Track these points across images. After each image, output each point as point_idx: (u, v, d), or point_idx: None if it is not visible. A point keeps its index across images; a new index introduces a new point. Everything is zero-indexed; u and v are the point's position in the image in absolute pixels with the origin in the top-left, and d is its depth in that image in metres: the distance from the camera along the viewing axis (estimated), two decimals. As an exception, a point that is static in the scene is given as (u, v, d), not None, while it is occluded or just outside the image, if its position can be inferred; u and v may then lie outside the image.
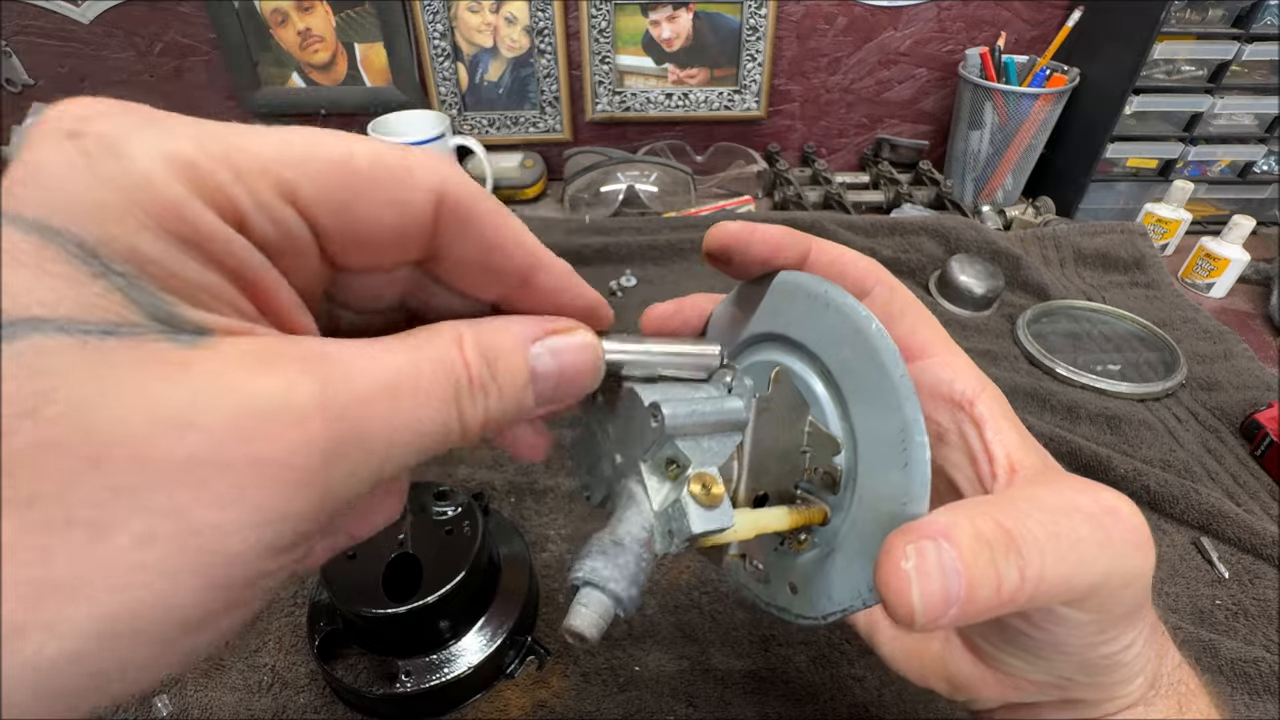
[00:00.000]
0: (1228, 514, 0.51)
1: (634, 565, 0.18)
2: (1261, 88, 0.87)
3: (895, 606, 0.16)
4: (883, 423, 0.19)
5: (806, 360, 0.21)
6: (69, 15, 0.91)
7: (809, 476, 0.21)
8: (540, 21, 0.94)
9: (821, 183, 0.98)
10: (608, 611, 0.17)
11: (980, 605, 0.17)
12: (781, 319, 0.21)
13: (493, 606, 0.41)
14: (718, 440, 0.20)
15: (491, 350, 0.15)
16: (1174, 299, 0.78)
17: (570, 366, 0.17)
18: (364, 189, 0.14)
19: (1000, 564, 0.17)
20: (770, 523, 0.20)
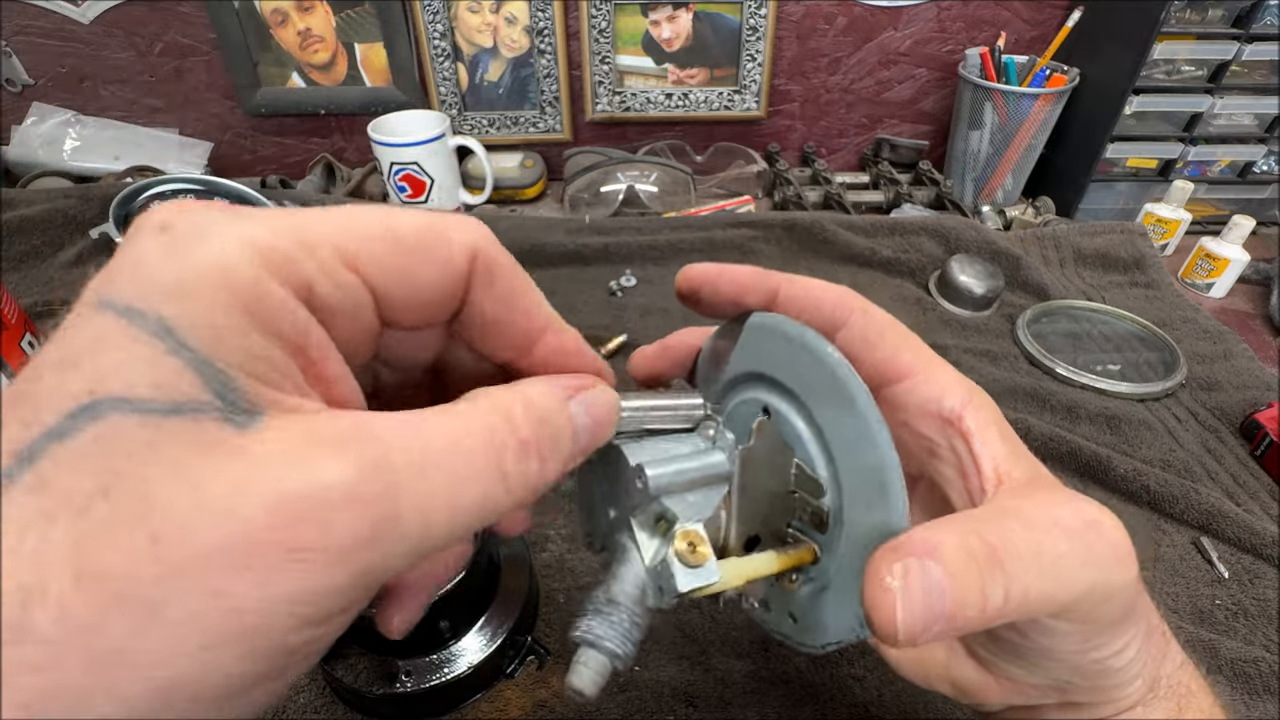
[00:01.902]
0: (1228, 514, 0.51)
1: (628, 623, 0.19)
2: (1261, 88, 0.87)
3: (880, 625, 0.17)
4: (862, 461, 0.19)
5: (789, 400, 0.21)
6: (69, 15, 0.91)
7: (799, 516, 0.21)
8: (540, 21, 0.94)
9: (821, 183, 0.98)
10: (605, 668, 0.18)
11: (964, 622, 0.17)
12: (762, 359, 0.22)
13: (493, 606, 0.41)
14: (703, 494, 0.20)
15: (539, 411, 0.16)
16: (1174, 299, 0.78)
17: (599, 420, 0.18)
18: (413, 252, 0.16)
19: (986, 581, 0.17)
20: (759, 569, 0.20)
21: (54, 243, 0.75)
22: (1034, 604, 0.18)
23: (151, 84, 0.98)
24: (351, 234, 0.15)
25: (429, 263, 0.17)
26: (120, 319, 0.12)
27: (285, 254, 0.14)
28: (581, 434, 0.17)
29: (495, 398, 0.16)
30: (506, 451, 0.15)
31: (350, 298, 0.15)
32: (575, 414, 0.17)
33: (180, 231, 0.13)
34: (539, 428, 0.16)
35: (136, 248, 0.13)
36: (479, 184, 0.95)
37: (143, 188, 0.67)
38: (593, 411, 0.18)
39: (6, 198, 0.77)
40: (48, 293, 0.67)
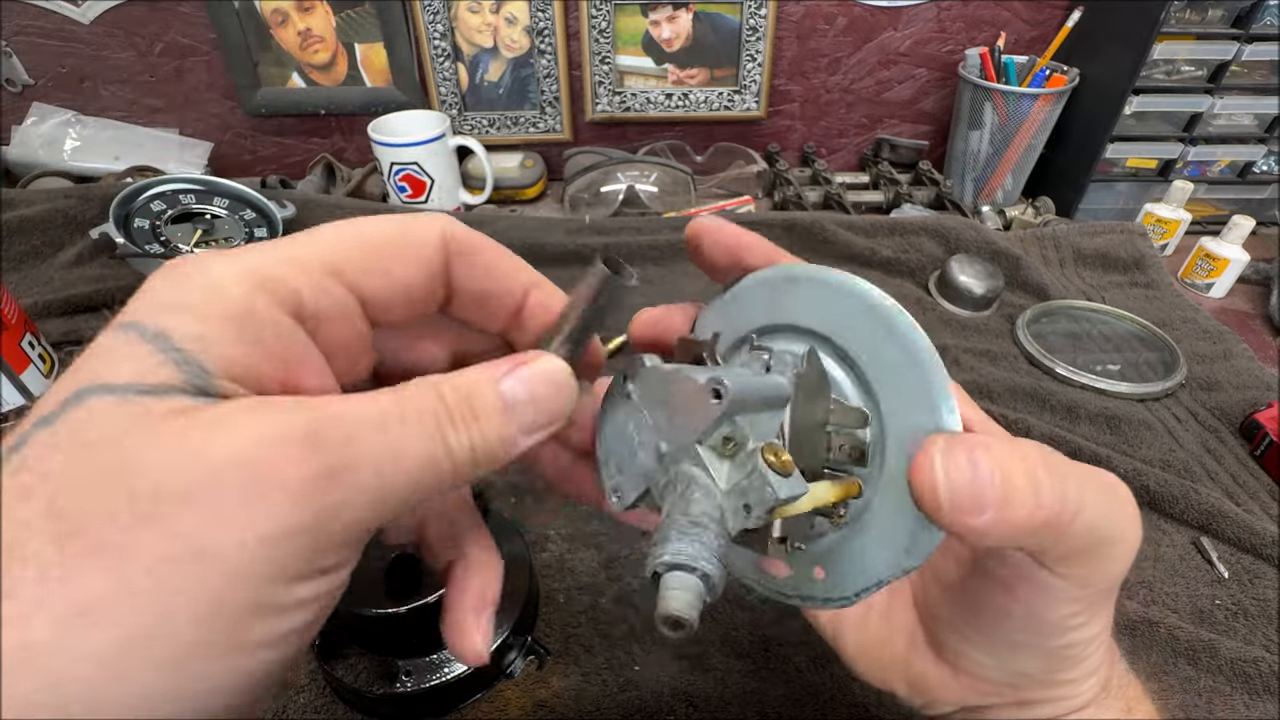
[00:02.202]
0: (1227, 514, 0.51)
1: (715, 542, 0.17)
2: (1261, 88, 0.87)
3: (920, 490, 0.16)
4: (906, 383, 0.19)
5: (818, 344, 0.21)
6: (69, 15, 0.91)
7: (837, 451, 0.21)
8: (540, 22, 0.94)
9: (821, 183, 0.98)
10: (700, 592, 0.16)
11: (1020, 515, 0.17)
12: (784, 309, 0.22)
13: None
14: (767, 416, 0.20)
15: (464, 387, 0.17)
16: (1174, 299, 0.78)
17: (539, 391, 0.18)
18: (387, 252, 0.18)
19: (1042, 477, 0.17)
20: (822, 495, 0.20)
21: (54, 243, 0.75)
22: (1085, 522, 0.18)
23: (151, 84, 0.98)
24: (332, 248, 0.17)
25: (403, 258, 0.19)
26: (125, 332, 0.14)
27: (273, 273, 0.16)
28: (519, 407, 0.18)
29: (430, 380, 0.17)
30: (440, 419, 0.16)
31: (336, 303, 0.17)
32: (506, 388, 0.18)
33: (185, 268, 0.15)
34: (462, 402, 0.17)
35: (149, 284, 0.15)
36: (479, 184, 0.95)
37: (143, 188, 0.67)
38: (530, 384, 0.18)
39: (6, 198, 0.77)
40: (48, 293, 0.67)
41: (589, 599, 0.45)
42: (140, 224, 0.65)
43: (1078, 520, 0.17)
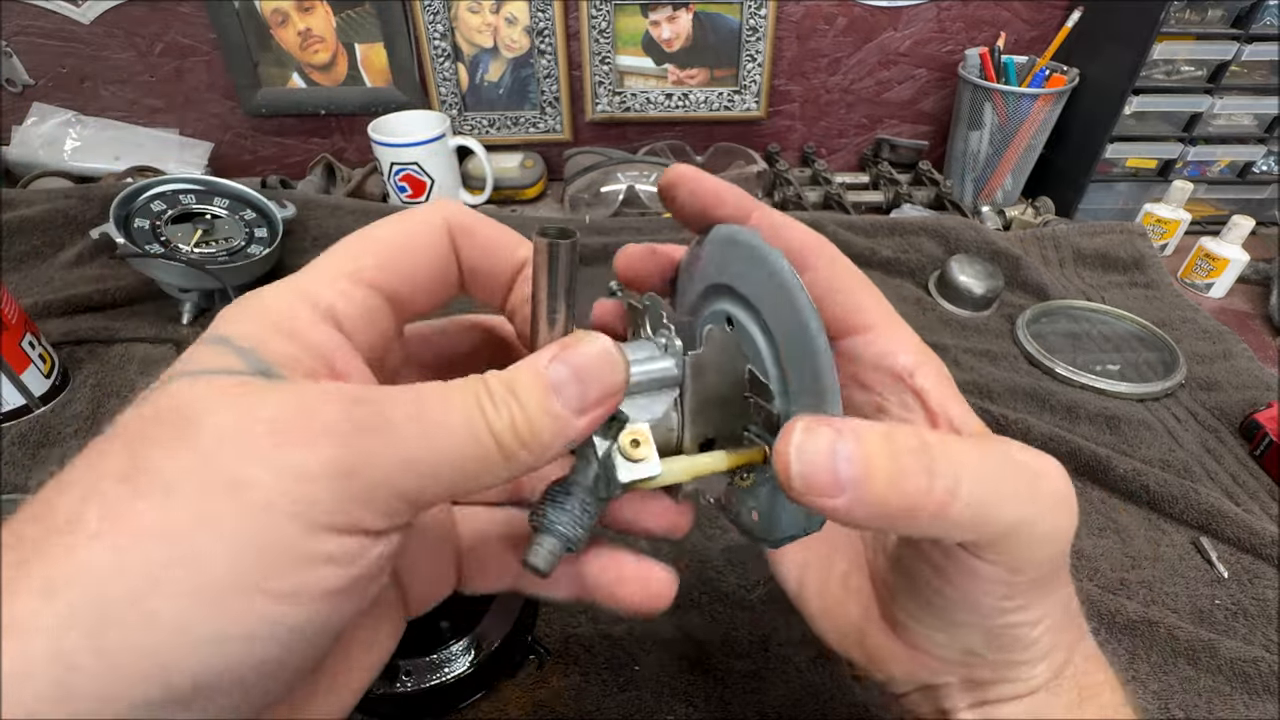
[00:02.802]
0: (1227, 514, 0.51)
1: (578, 510, 0.21)
2: (1261, 88, 0.87)
3: (778, 469, 0.17)
4: (803, 365, 0.20)
5: (747, 309, 0.22)
6: (69, 15, 0.91)
7: (755, 420, 0.23)
8: (540, 22, 0.94)
9: (821, 183, 0.98)
10: (558, 549, 0.20)
11: (879, 496, 0.17)
12: (724, 270, 0.23)
13: (493, 606, 0.41)
14: (653, 398, 0.22)
15: (509, 376, 0.18)
16: (1173, 299, 0.78)
17: (585, 369, 0.18)
18: (401, 246, 0.21)
19: (908, 461, 0.17)
20: (708, 466, 0.22)
21: (54, 243, 0.75)
22: (963, 511, 0.17)
23: (152, 84, 0.98)
24: (351, 256, 0.20)
25: (414, 248, 0.21)
26: (198, 345, 0.17)
27: (308, 289, 0.19)
28: (563, 385, 0.18)
29: (474, 375, 0.18)
30: (482, 397, 0.17)
31: (363, 304, 0.19)
32: (553, 371, 0.18)
33: (248, 297, 0.18)
34: (503, 385, 0.18)
35: (219, 315, 0.18)
36: (479, 184, 0.95)
37: (143, 188, 0.67)
38: (573, 362, 0.18)
39: (6, 198, 0.77)
40: (48, 293, 0.67)
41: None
42: (140, 224, 0.65)
43: (956, 505, 0.17)
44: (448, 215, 0.21)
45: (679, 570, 0.47)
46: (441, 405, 0.17)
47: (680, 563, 0.47)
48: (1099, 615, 0.45)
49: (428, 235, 0.21)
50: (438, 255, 0.21)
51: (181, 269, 0.64)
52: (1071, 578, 0.22)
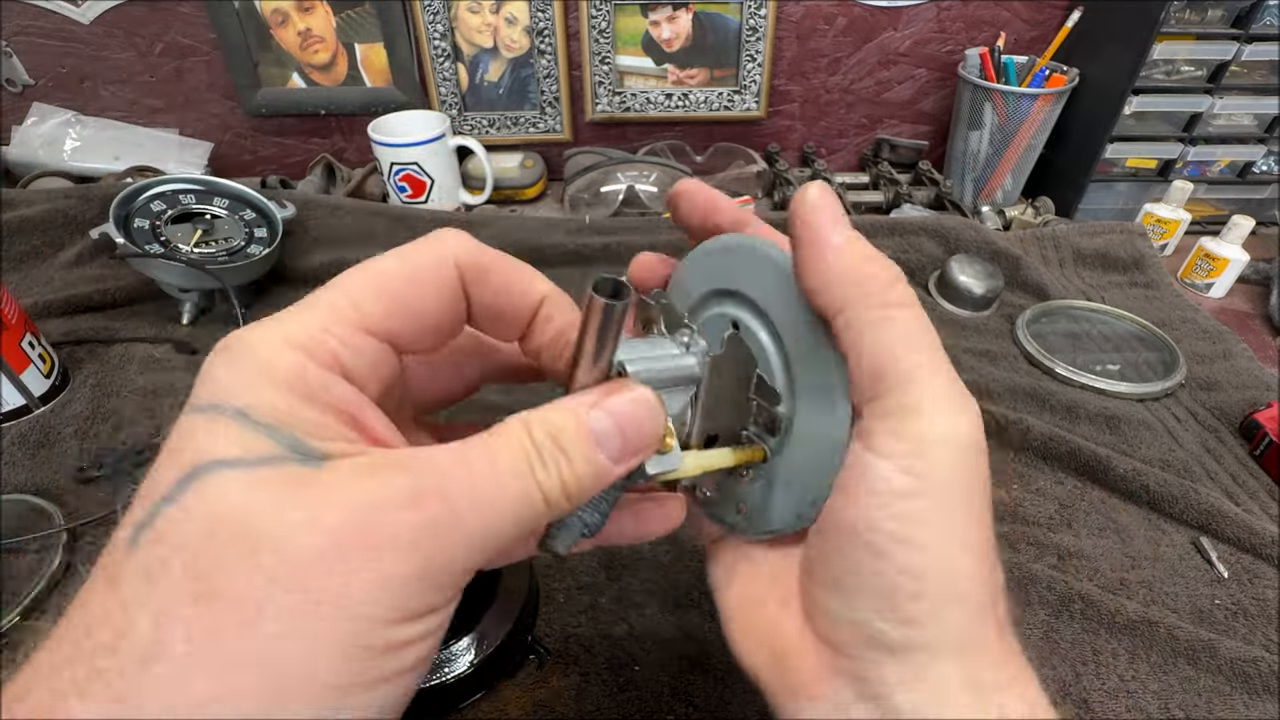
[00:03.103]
0: (1227, 514, 0.51)
1: (598, 497, 0.21)
2: (1261, 88, 0.87)
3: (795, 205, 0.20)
4: (814, 378, 0.22)
5: (755, 315, 0.23)
6: (69, 15, 0.91)
7: (756, 420, 0.24)
8: (540, 22, 0.94)
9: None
10: (575, 534, 0.21)
11: (848, 249, 0.20)
12: (731, 276, 0.24)
13: (493, 606, 0.41)
14: (673, 394, 0.23)
15: (553, 424, 0.18)
16: (1173, 299, 0.78)
17: (628, 418, 0.19)
18: (408, 293, 0.19)
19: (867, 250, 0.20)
20: (716, 462, 0.24)
21: (54, 243, 0.75)
22: (892, 297, 0.20)
23: (151, 84, 0.98)
24: (355, 303, 0.19)
25: (423, 295, 0.20)
26: (205, 415, 0.16)
27: (314, 341, 0.17)
28: (606, 438, 0.19)
29: (518, 420, 0.18)
30: (531, 458, 0.18)
31: (371, 355, 0.19)
32: (595, 420, 0.19)
33: (236, 348, 0.17)
34: (549, 440, 0.18)
35: (207, 370, 0.17)
36: (479, 184, 0.95)
37: (143, 188, 0.67)
38: (616, 413, 0.19)
39: (6, 198, 0.77)
40: (48, 293, 0.67)
41: (589, 599, 0.45)
42: (140, 224, 0.65)
43: (896, 290, 0.20)
44: (458, 253, 0.20)
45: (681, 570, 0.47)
46: (493, 473, 0.17)
47: (680, 563, 0.47)
48: (1099, 615, 0.45)
49: (437, 276, 0.20)
50: (447, 297, 0.20)
51: (181, 269, 0.64)
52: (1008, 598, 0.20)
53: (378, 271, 0.19)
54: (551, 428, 0.18)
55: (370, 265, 0.19)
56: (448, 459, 0.17)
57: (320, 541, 0.14)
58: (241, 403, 0.16)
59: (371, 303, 0.19)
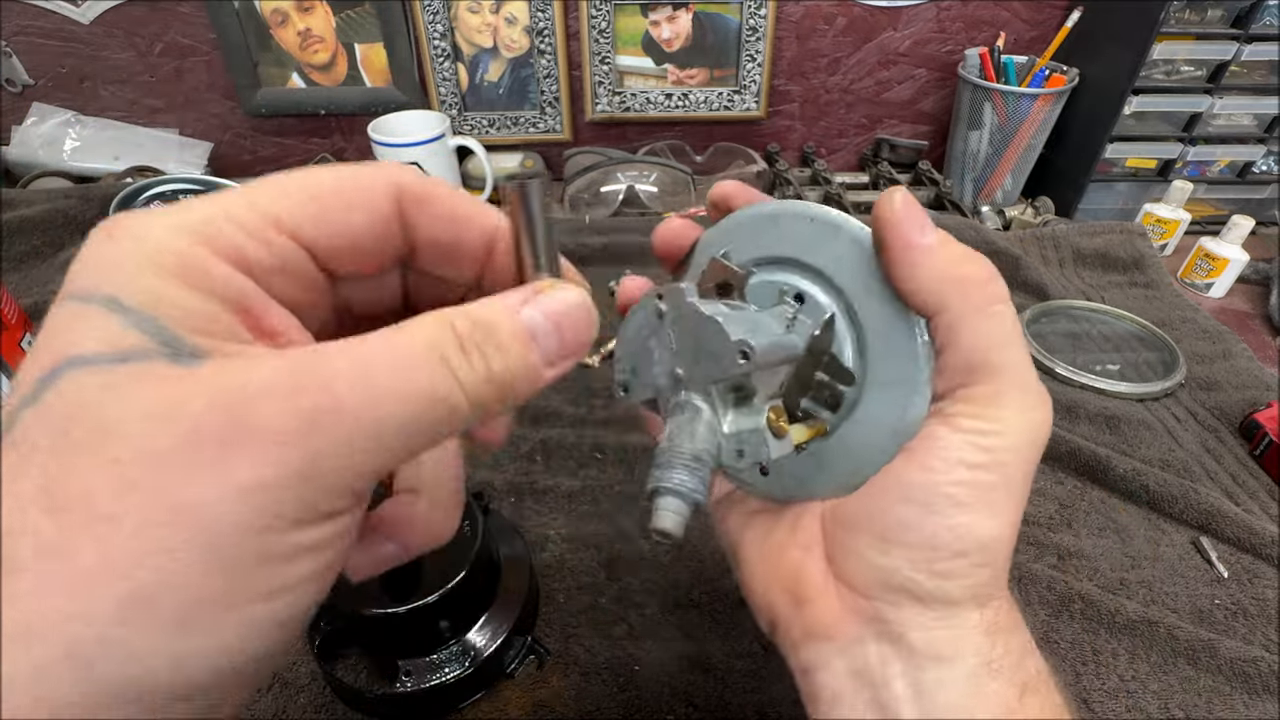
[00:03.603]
0: (1227, 514, 0.51)
1: (708, 476, 0.20)
2: (1261, 88, 0.87)
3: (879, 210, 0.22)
4: (897, 369, 0.22)
5: (827, 289, 0.23)
6: (69, 15, 0.91)
7: (816, 395, 0.24)
8: (540, 22, 0.94)
9: (821, 183, 0.98)
10: (687, 513, 0.20)
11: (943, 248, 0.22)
12: (800, 246, 0.24)
13: (493, 606, 0.41)
14: (775, 373, 0.23)
15: (482, 318, 0.16)
16: (1173, 299, 0.78)
17: (565, 319, 0.18)
18: (333, 204, 0.18)
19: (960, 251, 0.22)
20: (798, 438, 0.24)
21: (54, 243, 0.75)
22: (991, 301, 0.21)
23: (151, 84, 0.98)
24: (271, 199, 0.17)
25: (352, 209, 0.18)
26: (75, 302, 0.14)
27: (212, 227, 0.15)
28: (542, 336, 0.17)
29: (438, 313, 0.16)
30: (447, 347, 0.15)
31: (281, 256, 0.17)
32: (528, 317, 0.17)
33: (120, 231, 0.15)
34: (478, 331, 0.16)
35: (87, 250, 0.15)
36: (479, 184, 0.95)
37: (143, 188, 0.67)
38: (549, 310, 0.17)
39: (6, 198, 0.77)
40: (48, 293, 0.67)
41: (589, 599, 0.45)
42: (140, 224, 0.66)
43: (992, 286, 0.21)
44: (395, 178, 0.19)
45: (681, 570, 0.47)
46: (393, 362, 0.15)
47: (680, 563, 0.47)
48: (1099, 615, 0.45)
49: (369, 193, 0.18)
50: (376, 217, 0.18)
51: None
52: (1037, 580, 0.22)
53: (302, 178, 0.17)
54: (478, 320, 0.16)
55: (300, 171, 0.17)
56: (337, 349, 0.15)
57: (174, 437, 0.13)
58: (113, 288, 0.14)
59: (287, 202, 0.17)
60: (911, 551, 0.21)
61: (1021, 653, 0.22)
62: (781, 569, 0.25)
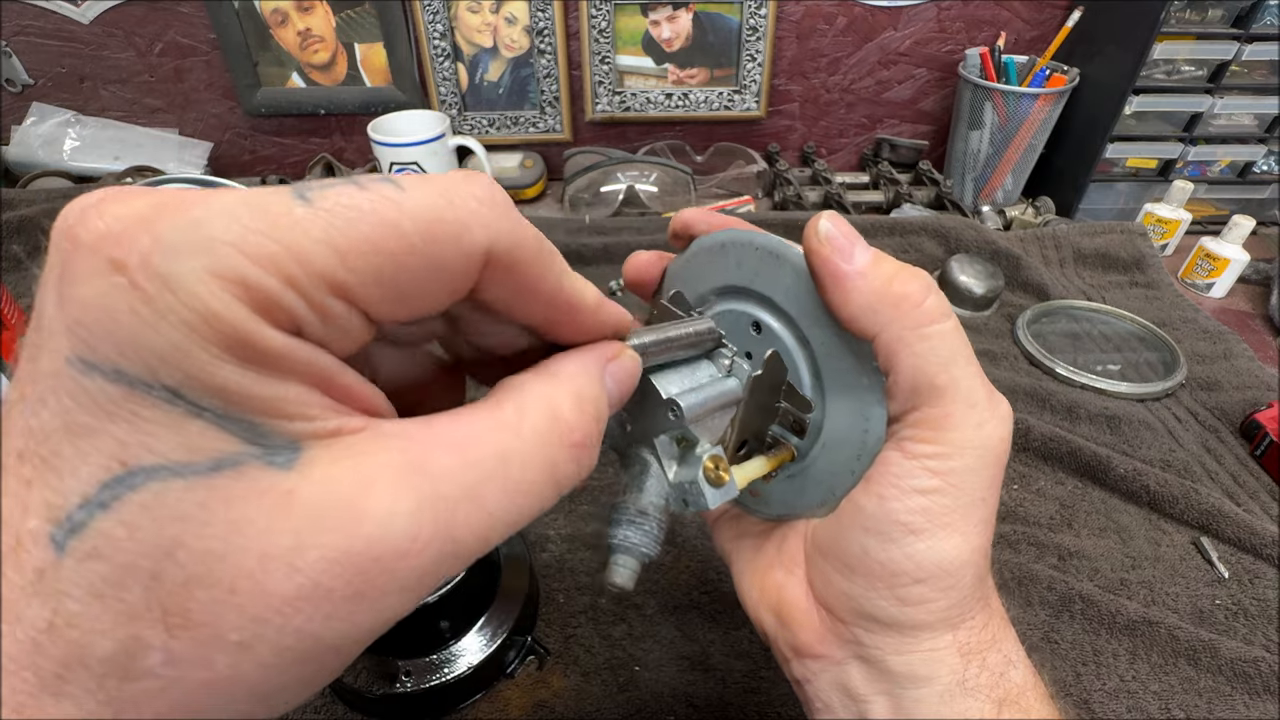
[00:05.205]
0: (1227, 514, 0.51)
1: (656, 529, 0.21)
2: (1261, 88, 0.87)
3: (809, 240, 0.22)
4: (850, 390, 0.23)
5: (777, 316, 0.24)
6: (69, 15, 0.91)
7: (782, 421, 0.25)
8: (540, 21, 0.94)
9: (821, 183, 0.98)
10: (638, 568, 0.21)
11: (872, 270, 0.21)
12: (747, 274, 0.24)
13: (493, 606, 0.41)
14: (718, 417, 0.23)
15: (593, 402, 0.17)
16: (1174, 299, 0.78)
17: (624, 386, 0.19)
18: (412, 263, 0.13)
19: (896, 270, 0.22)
20: (756, 471, 0.24)
21: (54, 243, 0.75)
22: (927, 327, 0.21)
23: (151, 84, 0.98)
24: (339, 250, 0.12)
25: (433, 270, 0.14)
26: (118, 385, 0.11)
27: (269, 293, 0.12)
28: (614, 404, 0.18)
29: (539, 396, 0.16)
30: (560, 457, 0.15)
31: (337, 326, 0.13)
32: (609, 391, 0.18)
33: (141, 276, 0.11)
34: (591, 424, 0.16)
35: (92, 295, 0.11)
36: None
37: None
38: (619, 379, 0.18)
39: (6, 198, 0.77)
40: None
41: (589, 599, 0.45)
42: (140, 224, 0.65)
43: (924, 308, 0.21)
44: (496, 243, 0.14)
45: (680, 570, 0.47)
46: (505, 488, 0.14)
47: (680, 563, 0.47)
48: (1099, 615, 0.45)
49: (458, 254, 0.14)
50: (455, 283, 0.15)
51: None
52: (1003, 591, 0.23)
53: (380, 219, 0.13)
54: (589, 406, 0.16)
55: (379, 190, 0.13)
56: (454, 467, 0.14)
57: (297, 588, 0.12)
58: (171, 377, 0.11)
59: (359, 263, 0.13)
60: (874, 580, 0.22)
61: (1002, 668, 0.22)
62: (768, 589, 0.25)
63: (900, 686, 0.22)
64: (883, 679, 0.22)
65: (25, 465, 0.12)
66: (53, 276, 0.12)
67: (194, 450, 0.12)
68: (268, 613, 0.12)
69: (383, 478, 0.13)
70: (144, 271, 0.11)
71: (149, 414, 0.11)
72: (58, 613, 0.11)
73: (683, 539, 0.49)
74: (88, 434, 0.11)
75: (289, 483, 0.12)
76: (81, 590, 0.11)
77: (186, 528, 0.11)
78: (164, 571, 0.11)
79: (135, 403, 0.11)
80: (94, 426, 0.11)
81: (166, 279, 0.11)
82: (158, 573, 0.11)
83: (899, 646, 0.22)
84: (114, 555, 0.11)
